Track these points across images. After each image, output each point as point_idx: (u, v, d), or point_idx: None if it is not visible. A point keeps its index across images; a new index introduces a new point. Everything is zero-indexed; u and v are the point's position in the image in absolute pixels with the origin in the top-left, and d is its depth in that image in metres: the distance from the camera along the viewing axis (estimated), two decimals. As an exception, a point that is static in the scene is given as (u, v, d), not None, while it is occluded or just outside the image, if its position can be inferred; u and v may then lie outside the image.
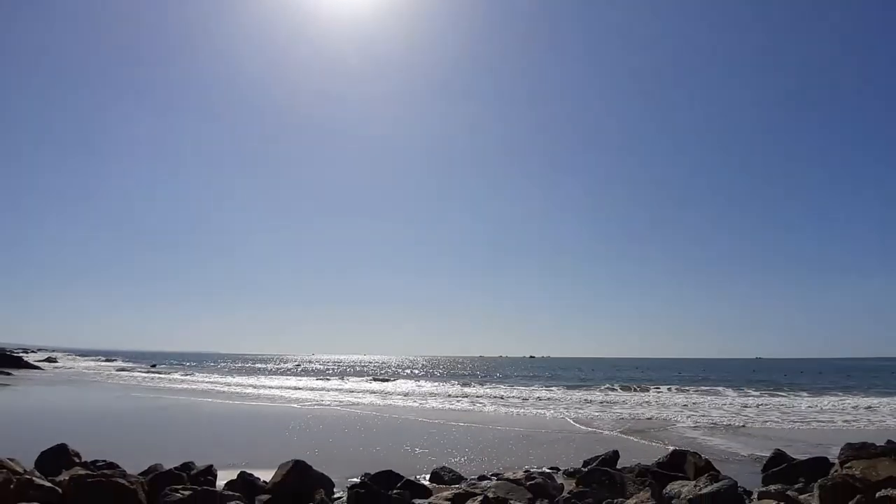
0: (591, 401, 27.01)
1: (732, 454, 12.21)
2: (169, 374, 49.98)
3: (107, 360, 78.74)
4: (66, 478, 6.38)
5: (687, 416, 20.39)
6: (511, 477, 8.33)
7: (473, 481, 8.59)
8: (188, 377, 45.08)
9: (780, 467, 9.14)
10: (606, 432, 15.48)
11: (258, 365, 79.28)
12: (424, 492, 7.05)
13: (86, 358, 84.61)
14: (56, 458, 7.95)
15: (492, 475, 8.97)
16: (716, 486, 6.88)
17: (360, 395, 30.76)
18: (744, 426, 17.47)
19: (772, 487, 7.71)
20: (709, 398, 28.98)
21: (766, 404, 25.64)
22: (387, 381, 46.75)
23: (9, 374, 39.44)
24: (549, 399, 27.78)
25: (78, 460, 8.07)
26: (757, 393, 32.99)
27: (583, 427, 16.91)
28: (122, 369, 56.76)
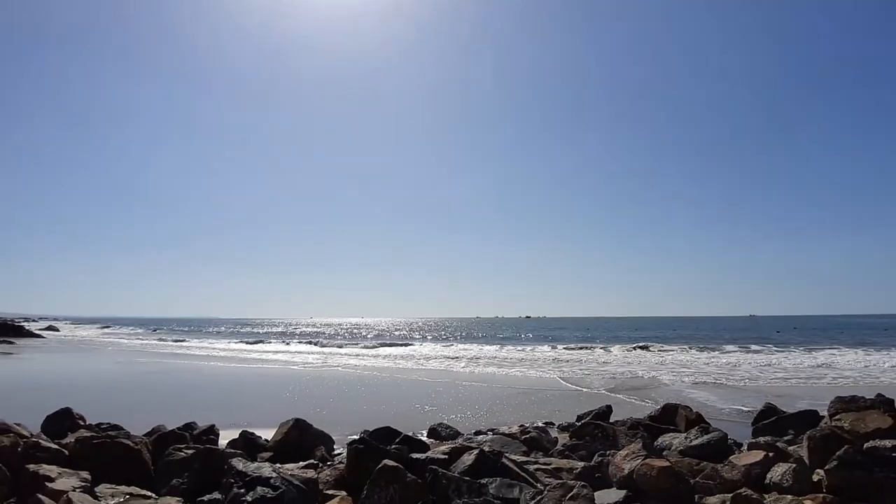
0: (585, 360, 27.39)
1: (723, 409, 12.46)
2: (170, 339, 50.37)
3: (107, 328, 79.21)
4: (72, 440, 6.52)
5: (679, 373, 20.73)
6: (506, 431, 8.54)
7: (470, 436, 8.80)
8: (189, 342, 45.43)
9: (770, 420, 9.33)
10: (597, 390, 15.74)
11: (257, 329, 79.83)
12: (422, 446, 7.21)
13: (87, 326, 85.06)
14: (61, 421, 8.07)
15: (488, 430, 9.18)
16: (706, 437, 7.06)
17: (360, 356, 31.14)
18: (735, 382, 17.76)
19: (761, 439, 7.88)
20: (702, 355, 29.39)
21: (758, 360, 26.02)
22: (385, 342, 47.22)
23: (11, 342, 39.69)
24: (543, 359, 28.14)
25: (83, 423, 8.20)
26: (749, 349, 33.41)
27: (574, 386, 17.18)
28: (123, 336, 57.21)
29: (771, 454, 5.90)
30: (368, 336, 59.77)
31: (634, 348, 35.82)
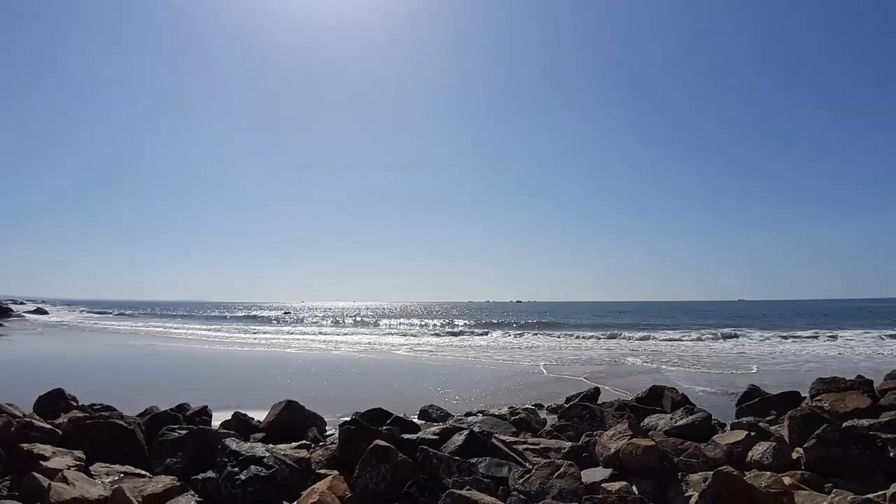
0: (573, 345, 27.64)
1: (709, 391, 12.67)
2: (161, 322, 50.30)
3: (97, 311, 78.80)
4: (65, 420, 6.58)
5: (666, 356, 21.00)
6: (496, 413, 8.66)
7: (460, 417, 8.91)
8: (180, 325, 45.39)
9: (753, 401, 9.53)
10: (583, 376, 15.88)
11: (249, 312, 79.70)
12: (413, 427, 7.33)
13: (76, 308, 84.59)
14: (53, 402, 8.12)
15: (478, 412, 9.31)
16: (690, 417, 7.21)
17: (352, 339, 31.25)
18: (720, 365, 18.03)
19: (744, 419, 8.07)
20: (690, 340, 29.67)
21: (744, 344, 26.39)
22: (377, 325, 47.40)
23: (0, 324, 39.56)
24: (533, 344, 28.40)
25: (75, 404, 8.26)
26: (736, 333, 33.76)
27: (563, 368, 17.38)
28: (114, 318, 57.02)
29: (753, 433, 6.06)
30: (360, 319, 59.89)
31: (624, 334, 36.09)
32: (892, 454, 5.44)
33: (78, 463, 5.26)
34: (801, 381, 11.49)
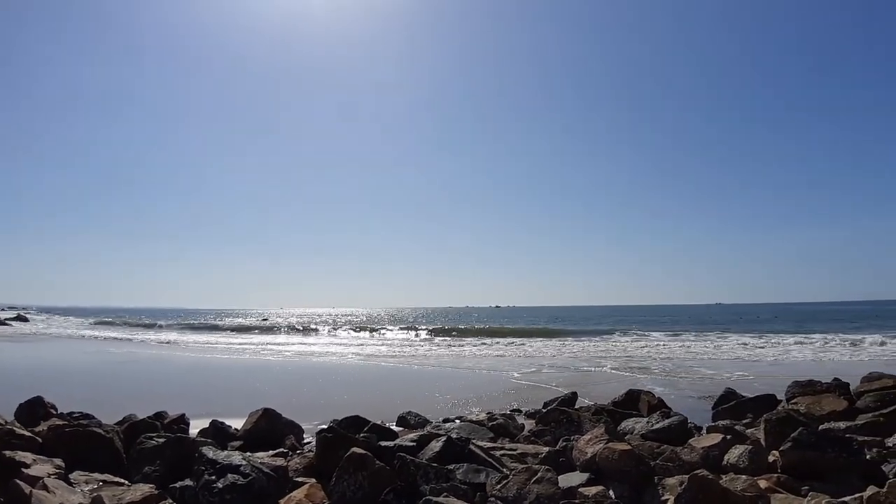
0: (551, 349, 27.74)
1: (685, 394, 12.80)
2: (140, 329, 49.65)
3: (76, 318, 77.50)
4: (45, 428, 6.51)
5: (642, 359, 21.18)
6: (474, 419, 8.70)
7: (438, 423, 8.92)
8: (159, 332, 44.86)
9: (729, 404, 9.66)
10: (560, 381, 15.95)
11: (227, 319, 78.97)
12: (391, 434, 7.32)
13: (55, 315, 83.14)
14: (33, 410, 8.00)
15: (456, 418, 9.32)
16: (667, 421, 7.30)
17: (329, 345, 31.10)
18: (696, 368, 18.22)
19: (720, 423, 8.16)
20: (666, 343, 29.91)
21: (721, 347, 26.67)
22: (355, 331, 47.20)
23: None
24: (510, 349, 28.47)
25: (54, 412, 8.16)
26: (712, 336, 34.16)
27: (539, 373, 17.46)
28: (92, 325, 56.14)
29: (729, 437, 6.13)
30: (339, 326, 59.61)
31: (601, 337, 36.35)
32: (868, 456, 5.54)
33: (58, 471, 5.23)
34: (778, 385, 11.64)
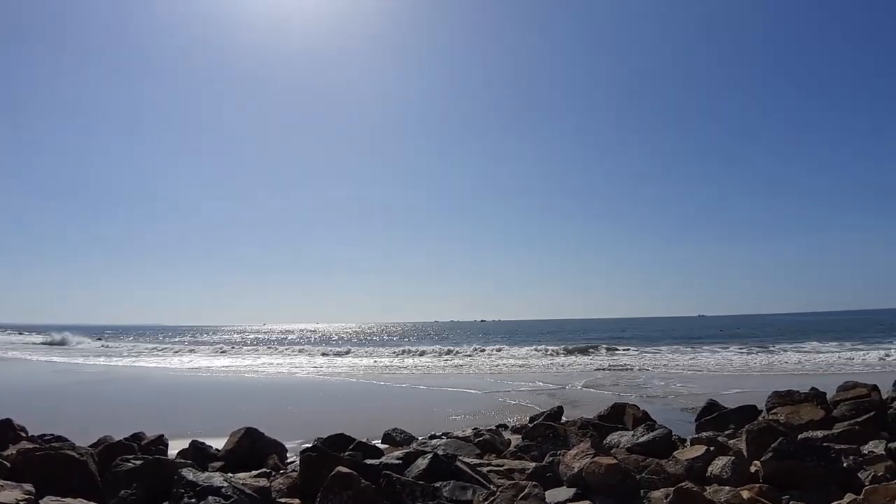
0: (536, 363, 27.79)
1: (669, 407, 12.88)
2: (115, 347, 48.74)
3: (42, 334, 75.82)
4: (14, 452, 6.31)
5: (627, 372, 21.28)
6: (460, 435, 8.64)
7: (424, 440, 8.85)
8: (135, 350, 44.07)
9: (712, 416, 9.73)
10: (546, 395, 15.97)
11: (205, 336, 77.95)
12: (376, 452, 7.24)
13: (25, 332, 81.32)
14: (2, 433, 7.78)
15: (442, 434, 9.26)
16: (651, 434, 7.32)
17: (315, 363, 30.79)
18: (680, 380, 18.35)
19: (703, 434, 8.20)
20: (650, 356, 30.11)
21: (704, 359, 26.92)
22: (340, 348, 46.81)
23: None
24: (496, 363, 28.46)
25: (24, 435, 7.93)
26: (695, 349, 34.46)
27: (525, 386, 17.45)
28: (63, 343, 55.02)
29: (712, 448, 6.16)
30: (322, 342, 59.14)
31: (584, 351, 36.48)
32: (845, 464, 5.62)
33: (27, 497, 5.04)
34: (759, 395, 11.75)
